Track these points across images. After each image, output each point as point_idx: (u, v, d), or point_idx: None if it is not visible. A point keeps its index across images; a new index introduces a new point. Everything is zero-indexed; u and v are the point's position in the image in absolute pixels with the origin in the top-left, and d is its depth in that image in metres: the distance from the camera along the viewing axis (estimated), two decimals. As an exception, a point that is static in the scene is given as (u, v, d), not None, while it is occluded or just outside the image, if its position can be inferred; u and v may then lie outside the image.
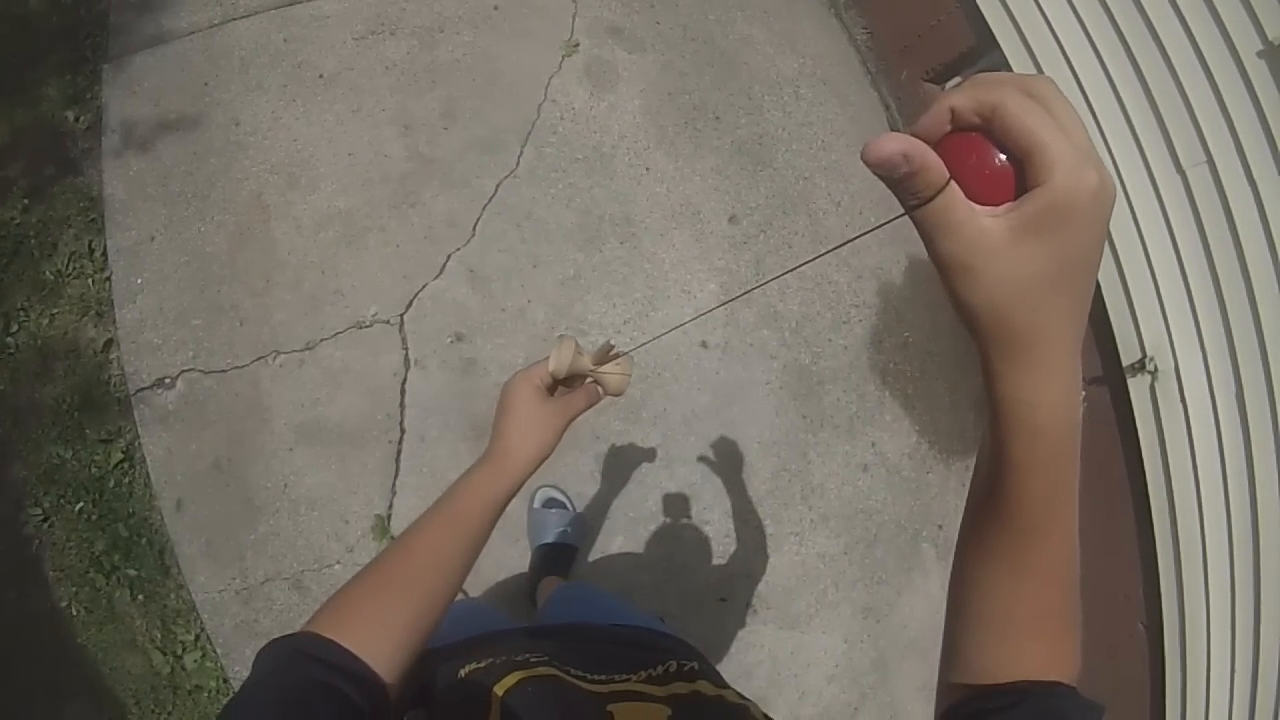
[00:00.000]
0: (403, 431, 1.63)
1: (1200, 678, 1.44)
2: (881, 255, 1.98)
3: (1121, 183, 1.44)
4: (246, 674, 1.44)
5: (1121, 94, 1.43)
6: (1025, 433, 0.32)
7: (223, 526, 1.59)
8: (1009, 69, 1.61)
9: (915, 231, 0.30)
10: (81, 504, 1.65)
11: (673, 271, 1.83)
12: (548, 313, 1.73)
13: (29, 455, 1.70)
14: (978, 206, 0.28)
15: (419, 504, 1.62)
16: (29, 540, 1.68)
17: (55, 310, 1.73)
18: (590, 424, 1.73)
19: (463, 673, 0.50)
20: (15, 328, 1.73)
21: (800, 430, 1.85)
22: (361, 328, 1.66)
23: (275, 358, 1.64)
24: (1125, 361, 1.52)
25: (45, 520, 1.67)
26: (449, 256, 1.71)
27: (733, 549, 1.77)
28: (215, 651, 1.54)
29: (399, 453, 1.62)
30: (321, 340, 1.65)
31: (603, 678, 0.51)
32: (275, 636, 0.45)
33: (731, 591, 1.77)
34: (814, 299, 1.93)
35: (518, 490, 0.57)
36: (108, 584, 1.61)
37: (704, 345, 1.83)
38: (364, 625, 0.46)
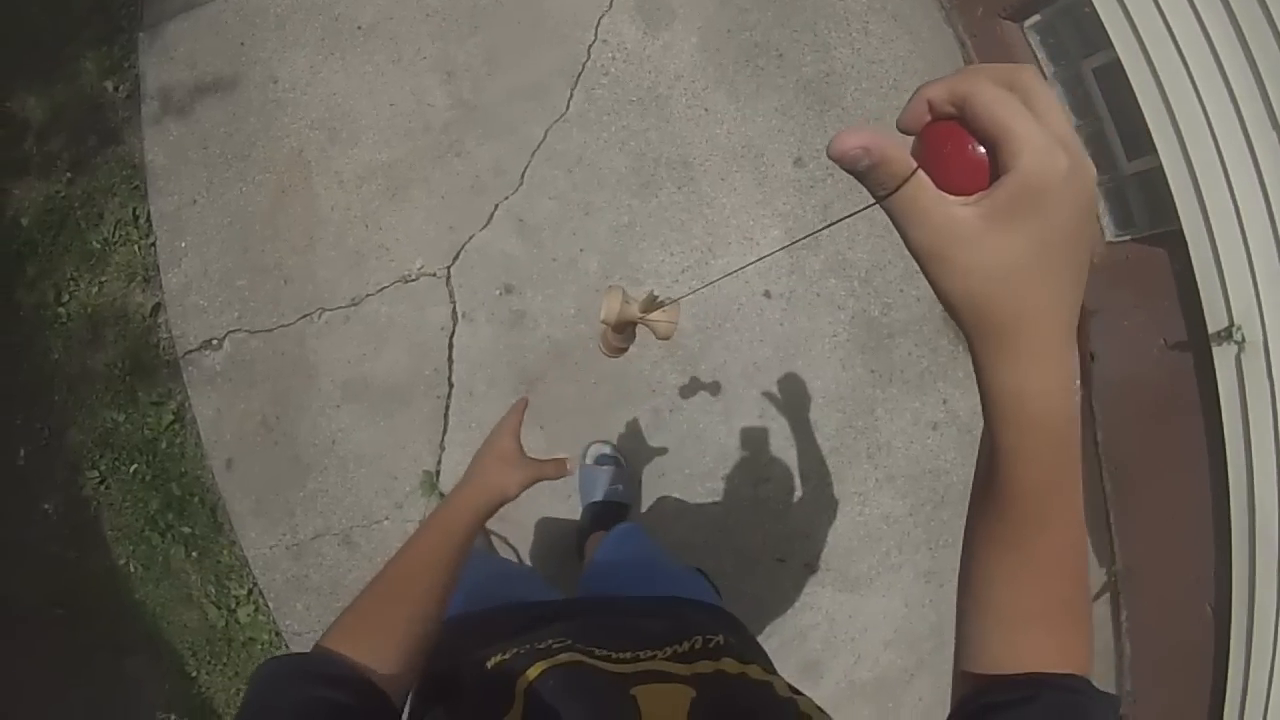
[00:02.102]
0: (451, 386, 1.58)
1: (1265, 667, 1.32)
2: None
3: (1214, 138, 1.31)
4: (298, 627, 1.42)
5: (1214, 40, 1.29)
6: (1015, 424, 0.31)
7: (272, 484, 1.57)
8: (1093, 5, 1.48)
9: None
10: (136, 465, 1.66)
11: (734, 217, 1.74)
12: (601, 262, 1.66)
13: (84, 420, 1.71)
14: (950, 196, 0.28)
15: (468, 460, 1.57)
16: (87, 501, 1.70)
17: (104, 278, 1.73)
18: (645, 376, 1.65)
19: (489, 665, 0.51)
20: (66, 298, 1.75)
21: (868, 385, 1.74)
22: (407, 281, 1.62)
23: (320, 315, 1.61)
24: (1211, 329, 1.40)
25: (102, 482, 1.69)
26: (496, 206, 1.65)
27: (792, 508, 1.68)
28: (268, 606, 1.54)
29: (447, 408, 1.57)
30: (367, 296, 1.61)
31: (628, 655, 0.51)
32: (275, 656, 0.50)
33: (789, 551, 1.69)
34: (885, 246, 1.81)
35: (487, 514, 0.65)
36: (163, 542, 1.62)
37: (767, 295, 1.74)
38: (372, 635, 0.50)
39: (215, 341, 1.63)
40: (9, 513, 1.73)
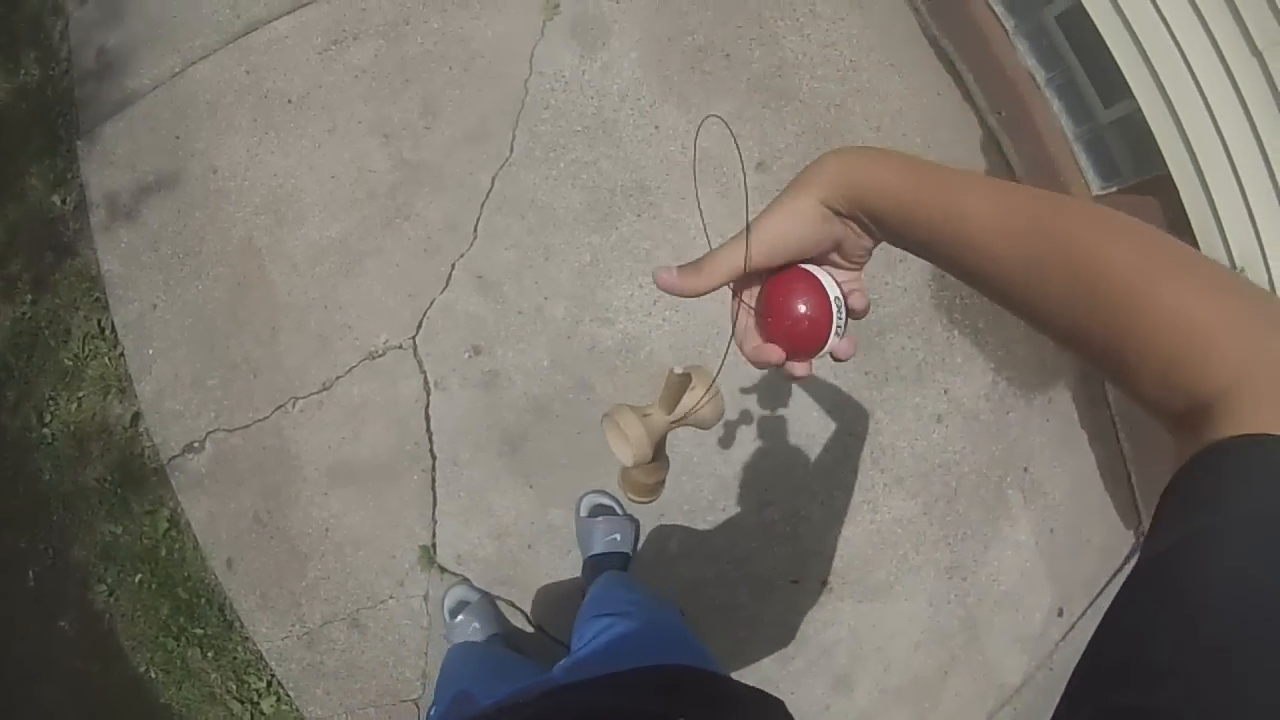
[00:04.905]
0: (434, 458, 1.56)
1: None
2: None
3: (1191, 71, 1.22)
4: (320, 712, 1.41)
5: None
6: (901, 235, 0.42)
7: (274, 577, 1.57)
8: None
9: (967, 146, 0.36)
10: (140, 574, 1.67)
11: (700, 236, 1.66)
12: (568, 307, 1.62)
13: (84, 536, 1.72)
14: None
15: (462, 529, 1.56)
16: (100, 615, 1.71)
17: (80, 394, 1.73)
18: (626, 419, 1.61)
19: None
20: (49, 418, 1.75)
21: (863, 388, 1.68)
22: (375, 358, 1.59)
23: (294, 404, 1.59)
24: None
25: (111, 594, 1.70)
26: (453, 265, 1.61)
27: (800, 527, 1.64)
28: (289, 695, 1.56)
29: (434, 480, 1.55)
30: (337, 378, 1.59)
31: None
32: None
33: (804, 572, 1.64)
34: None
35: None
36: (178, 645, 1.63)
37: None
38: None
39: (197, 444, 1.62)
40: (30, 633, 1.75)
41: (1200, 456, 0.28)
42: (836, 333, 0.44)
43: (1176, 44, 1.23)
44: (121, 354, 1.68)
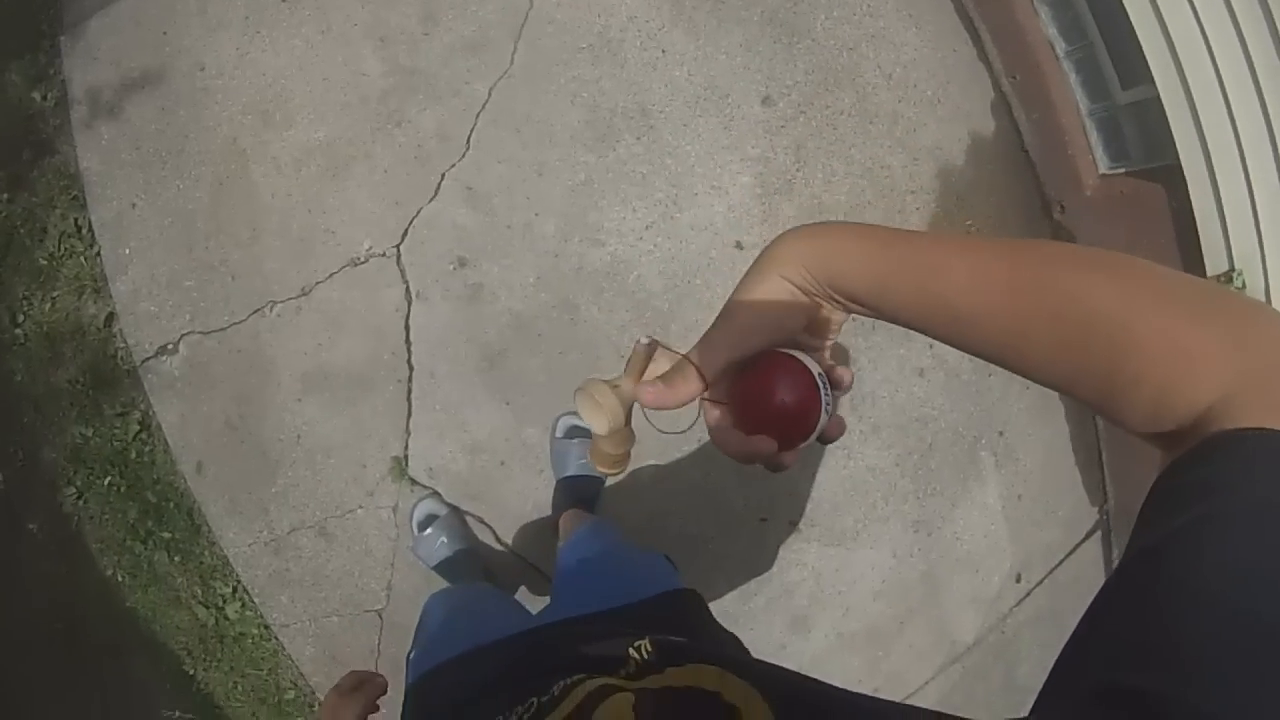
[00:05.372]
0: (411, 369, 1.53)
1: None
2: (941, 132, 1.72)
3: (1215, 67, 1.20)
4: (284, 619, 1.42)
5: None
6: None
7: (244, 483, 1.55)
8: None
9: (977, 106, 0.39)
10: (109, 477, 1.64)
11: (699, 165, 1.64)
12: (558, 225, 1.58)
13: (55, 439, 1.70)
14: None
15: (436, 443, 1.54)
16: (69, 518, 1.69)
17: (55, 294, 1.69)
18: (614, 342, 1.59)
19: None
20: (21, 318, 1.71)
21: (849, 334, 1.66)
22: (356, 265, 1.56)
23: (271, 308, 1.56)
24: (1210, 272, 1.34)
25: (79, 497, 1.68)
26: (443, 175, 1.57)
27: (777, 464, 1.63)
28: (254, 601, 1.55)
29: (409, 391, 1.53)
30: (316, 284, 1.56)
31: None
32: None
33: (773, 510, 1.64)
34: (864, 186, 1.71)
35: None
36: (145, 549, 1.62)
37: (739, 246, 1.65)
38: None
39: (170, 346, 1.59)
40: (-2, 536, 1.73)
41: (1197, 449, 0.29)
42: (826, 412, 0.42)
43: (1204, 36, 1.21)
44: (98, 253, 1.65)
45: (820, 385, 0.41)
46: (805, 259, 0.40)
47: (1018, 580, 1.77)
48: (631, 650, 0.49)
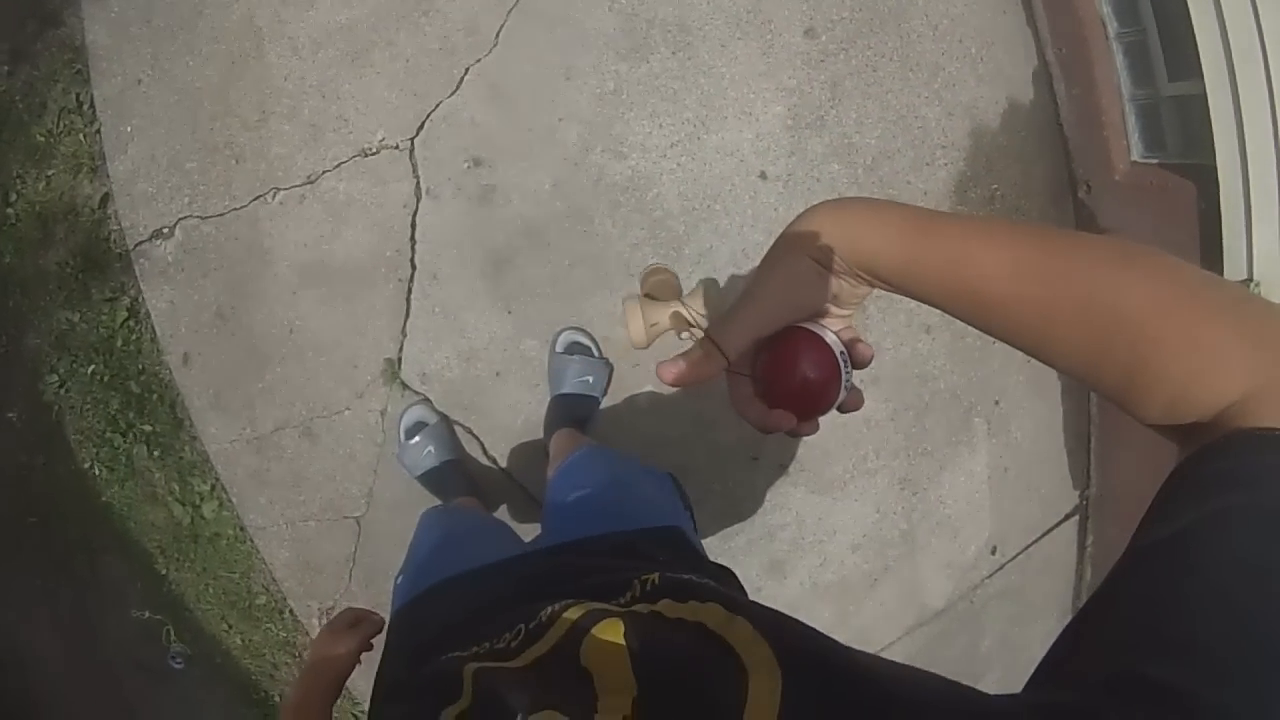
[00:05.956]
0: (414, 268, 1.46)
1: None
2: (979, 92, 1.65)
3: (1268, 75, 1.14)
4: (260, 521, 1.36)
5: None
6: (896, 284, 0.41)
7: (230, 377, 1.47)
8: None
9: (1019, 72, 0.69)
10: (93, 366, 1.58)
11: (732, 89, 1.56)
12: (581, 133, 1.50)
13: (40, 324, 1.63)
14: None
15: (431, 347, 1.46)
16: (49, 407, 1.63)
17: (50, 172, 1.63)
18: (625, 259, 1.51)
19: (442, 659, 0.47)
20: (14, 197, 1.65)
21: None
22: (367, 155, 1.48)
23: (274, 195, 1.49)
24: (1227, 277, 1.28)
25: (61, 386, 1.61)
26: (467, 70, 1.49)
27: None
28: (231, 501, 1.48)
29: (409, 292, 1.45)
30: (324, 172, 1.48)
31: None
32: None
33: (764, 450, 1.58)
34: (896, 133, 1.63)
35: (332, 691, 0.69)
36: (125, 442, 1.55)
37: (763, 176, 1.57)
38: None
39: (166, 230, 1.53)
40: (-25, 424, 1.67)
41: (1219, 443, 0.29)
42: (845, 388, 0.44)
43: (1261, 43, 1.14)
44: (98, 131, 1.58)
45: (841, 362, 0.43)
46: (832, 237, 0.40)
47: (993, 552, 1.75)
48: (637, 582, 0.48)
